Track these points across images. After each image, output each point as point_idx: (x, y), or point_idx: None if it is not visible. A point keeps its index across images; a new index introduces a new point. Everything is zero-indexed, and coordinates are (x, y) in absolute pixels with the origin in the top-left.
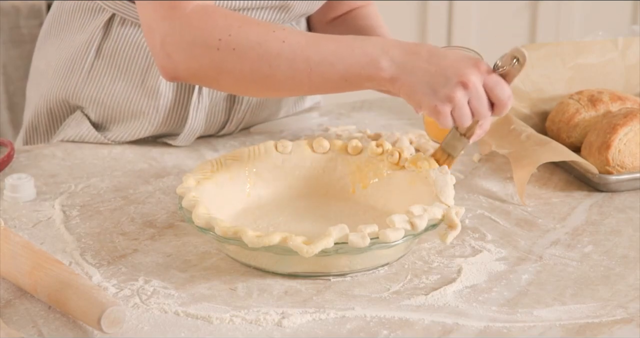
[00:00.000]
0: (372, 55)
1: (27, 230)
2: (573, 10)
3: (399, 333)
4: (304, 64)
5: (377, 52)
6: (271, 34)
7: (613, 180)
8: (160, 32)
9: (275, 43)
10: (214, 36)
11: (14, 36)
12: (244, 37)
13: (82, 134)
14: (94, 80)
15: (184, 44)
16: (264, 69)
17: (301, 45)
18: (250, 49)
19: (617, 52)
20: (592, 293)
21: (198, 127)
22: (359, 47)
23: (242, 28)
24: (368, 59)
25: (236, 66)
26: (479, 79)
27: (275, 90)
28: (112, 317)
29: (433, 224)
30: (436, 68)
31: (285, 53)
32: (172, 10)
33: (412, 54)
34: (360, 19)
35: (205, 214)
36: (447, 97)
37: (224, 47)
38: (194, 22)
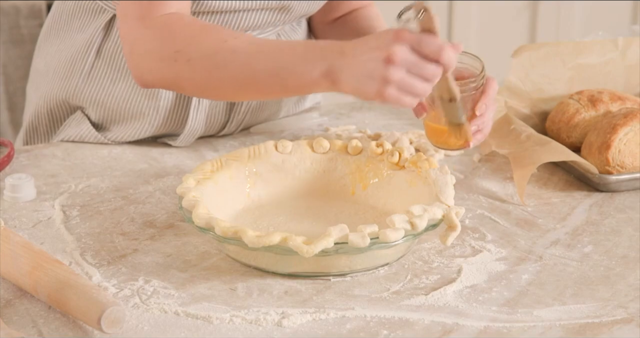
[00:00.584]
0: (312, 62)
1: (27, 230)
2: (573, 10)
3: (399, 333)
4: (251, 74)
5: (315, 59)
6: (222, 44)
7: (613, 180)
8: (129, 42)
9: (226, 54)
10: (171, 48)
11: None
12: (197, 49)
13: (82, 133)
14: (94, 81)
15: (148, 54)
16: (216, 78)
17: (249, 56)
18: (203, 60)
19: (617, 52)
20: (592, 293)
21: (198, 127)
22: (300, 56)
23: (196, 39)
24: (309, 67)
25: (192, 76)
26: (401, 47)
27: (231, 97)
28: (112, 317)
29: (433, 224)
30: (363, 56)
31: (234, 64)
32: (140, 21)
33: (341, 53)
34: (361, 19)
35: (205, 214)
36: (383, 79)
37: (180, 59)
38: (157, 34)
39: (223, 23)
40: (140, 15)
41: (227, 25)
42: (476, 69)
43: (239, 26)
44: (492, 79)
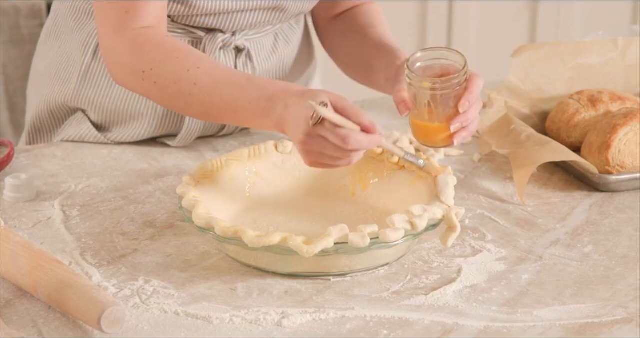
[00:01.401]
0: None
1: (27, 230)
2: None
3: (399, 333)
4: (212, 106)
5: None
6: (185, 74)
7: (613, 180)
8: (104, 46)
9: (188, 84)
10: (139, 67)
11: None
12: (162, 74)
13: (83, 133)
14: (91, 82)
15: (119, 66)
16: (180, 104)
17: (209, 90)
18: (167, 86)
19: (617, 52)
20: (592, 293)
21: (196, 128)
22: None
23: (162, 64)
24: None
25: (158, 96)
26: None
27: (197, 118)
28: (112, 317)
29: (433, 224)
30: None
31: (196, 95)
32: (115, 30)
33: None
34: (360, 16)
35: (205, 214)
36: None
37: (147, 79)
38: (126, 49)
39: (219, 24)
40: (115, 25)
41: (223, 26)
42: (459, 65)
43: (235, 27)
44: (477, 75)
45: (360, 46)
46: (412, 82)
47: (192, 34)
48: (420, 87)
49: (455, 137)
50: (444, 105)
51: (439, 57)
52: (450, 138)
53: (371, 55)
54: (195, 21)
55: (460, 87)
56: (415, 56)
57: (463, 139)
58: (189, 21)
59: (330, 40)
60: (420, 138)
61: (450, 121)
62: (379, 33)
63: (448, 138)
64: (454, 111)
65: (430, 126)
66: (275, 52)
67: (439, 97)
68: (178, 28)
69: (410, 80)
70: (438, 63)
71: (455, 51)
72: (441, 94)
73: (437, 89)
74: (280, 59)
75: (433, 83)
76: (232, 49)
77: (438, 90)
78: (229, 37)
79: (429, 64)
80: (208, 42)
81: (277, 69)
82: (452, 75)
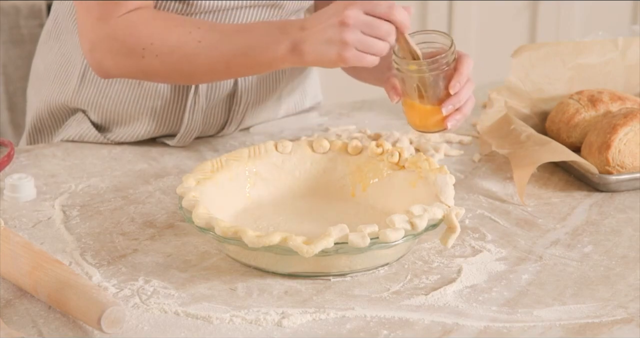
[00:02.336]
0: (277, 39)
1: (27, 230)
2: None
3: (399, 333)
4: (220, 58)
5: (279, 35)
6: (188, 36)
7: (613, 180)
8: (89, 39)
9: (193, 44)
10: (138, 46)
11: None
12: (164, 43)
13: (83, 133)
14: (91, 83)
15: (112, 53)
16: (186, 68)
17: (215, 42)
18: (171, 53)
19: (617, 52)
20: (592, 293)
21: (195, 128)
22: (264, 34)
23: (162, 35)
24: (274, 43)
25: (161, 69)
26: (353, 11)
27: (199, 80)
28: (112, 317)
29: (433, 224)
30: (320, 26)
31: (202, 52)
32: (102, 21)
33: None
34: None
35: (205, 214)
36: (340, 41)
37: (148, 55)
38: (120, 33)
39: (218, 21)
40: (102, 16)
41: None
42: (446, 46)
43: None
44: (466, 55)
45: None
46: (400, 67)
47: None
48: (407, 70)
49: (448, 119)
50: (433, 88)
51: (427, 41)
52: (443, 121)
53: None
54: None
55: (448, 67)
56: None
57: (457, 122)
58: None
59: None
60: (414, 124)
61: (442, 104)
62: None
63: (441, 121)
64: (445, 93)
65: (422, 110)
66: None
67: (427, 80)
68: None
69: (398, 65)
70: (426, 47)
71: (441, 33)
72: (429, 75)
73: (425, 70)
74: None
75: (419, 65)
76: None
77: (426, 72)
78: None
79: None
80: None
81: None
82: (438, 56)
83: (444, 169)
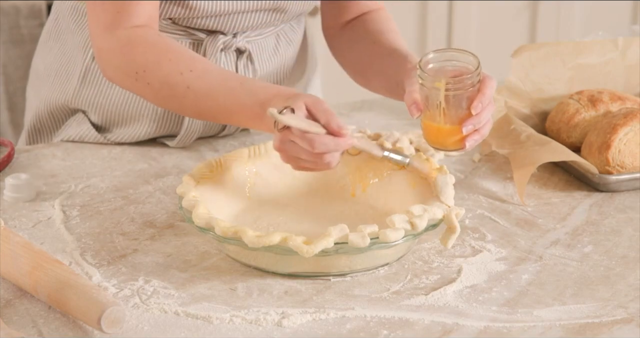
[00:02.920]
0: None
1: (27, 230)
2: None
3: (399, 333)
4: (206, 110)
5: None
6: (178, 77)
7: (613, 180)
8: (96, 47)
9: (181, 88)
10: (132, 68)
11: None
12: (155, 76)
13: (83, 133)
14: (91, 84)
15: (112, 66)
16: (175, 106)
17: (202, 95)
18: (161, 88)
19: (617, 52)
20: (592, 293)
21: (195, 129)
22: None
23: (155, 66)
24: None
25: (152, 98)
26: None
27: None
28: (112, 317)
29: (433, 224)
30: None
31: (189, 98)
32: (108, 30)
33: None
34: (370, 23)
35: (205, 214)
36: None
37: (140, 80)
38: (118, 50)
39: (220, 26)
40: (108, 24)
41: (224, 27)
42: (473, 66)
43: (235, 28)
44: (490, 77)
45: (370, 53)
46: (425, 83)
47: (192, 36)
48: (432, 88)
49: (467, 139)
50: (456, 107)
51: (452, 59)
52: (462, 141)
53: (381, 61)
54: (196, 23)
55: (473, 88)
56: (427, 57)
57: (475, 142)
58: (190, 23)
59: (340, 48)
60: (432, 140)
61: (462, 123)
62: (389, 39)
63: (460, 141)
64: (466, 113)
65: (442, 128)
66: (277, 53)
67: (451, 98)
68: (179, 30)
69: (423, 80)
70: (450, 65)
71: (468, 52)
72: (454, 94)
73: (450, 89)
74: (281, 61)
75: (446, 83)
76: (233, 50)
77: (451, 91)
78: (230, 39)
79: (441, 65)
80: (209, 44)
81: (279, 70)
82: (465, 76)
83: (444, 169)
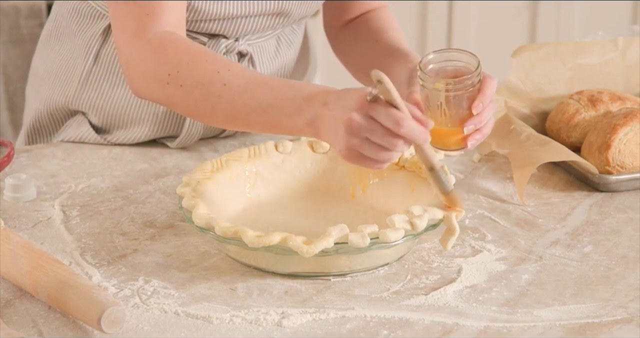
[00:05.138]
0: (299, 108)
1: (27, 230)
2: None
3: (399, 333)
4: (240, 109)
5: (302, 105)
6: (215, 75)
7: (613, 180)
8: (124, 56)
9: (217, 85)
10: (164, 71)
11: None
12: (190, 76)
13: (82, 135)
14: (92, 86)
15: (141, 72)
16: (207, 107)
17: (240, 90)
18: (195, 88)
19: (617, 52)
20: (592, 293)
21: (196, 131)
22: (289, 100)
23: (190, 66)
24: (295, 112)
25: (183, 101)
26: (360, 115)
27: (221, 124)
28: (112, 317)
29: (433, 224)
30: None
31: (225, 96)
32: (136, 37)
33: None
34: (372, 22)
35: (205, 214)
36: (344, 143)
37: (172, 82)
38: (149, 54)
39: (223, 30)
40: (136, 31)
41: (226, 31)
42: (473, 66)
43: (238, 32)
44: (491, 77)
45: (372, 51)
46: (425, 84)
47: (195, 39)
48: (433, 89)
49: (468, 139)
50: (457, 107)
51: (452, 59)
52: (463, 141)
53: (383, 60)
54: (199, 27)
55: (473, 88)
56: (427, 58)
57: (477, 142)
58: (193, 27)
59: (342, 46)
60: (433, 141)
61: (463, 123)
62: (391, 38)
63: (461, 141)
64: (467, 113)
65: (443, 129)
66: (278, 55)
67: (452, 99)
68: None
69: (423, 81)
70: (451, 65)
71: (468, 52)
72: (454, 95)
73: (451, 89)
74: (282, 62)
75: (446, 84)
76: (235, 54)
77: (451, 91)
78: (232, 43)
79: (441, 65)
80: (211, 48)
81: (279, 72)
82: (465, 76)
83: (444, 169)
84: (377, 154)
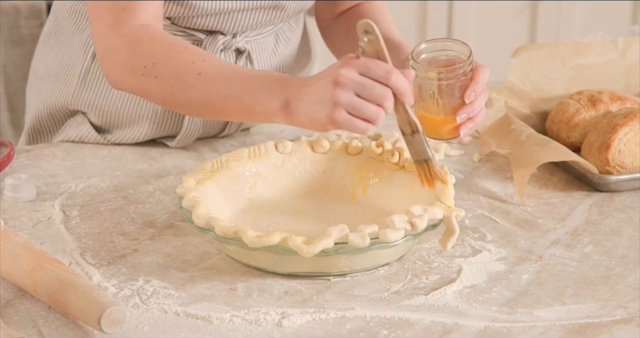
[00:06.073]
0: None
1: (27, 230)
2: (573, 10)
3: (399, 333)
4: (215, 96)
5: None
6: (190, 65)
7: (613, 180)
8: (100, 48)
9: (192, 75)
10: (140, 63)
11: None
12: (165, 67)
13: (82, 134)
14: (91, 85)
15: (117, 65)
16: (182, 97)
17: (214, 79)
18: (170, 79)
19: (617, 52)
20: (592, 293)
21: (195, 130)
22: (263, 85)
23: (165, 58)
24: (269, 96)
25: (159, 92)
26: (348, 70)
27: (196, 114)
28: (112, 317)
29: (433, 224)
30: (314, 86)
31: (199, 85)
32: (112, 29)
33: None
34: (364, 13)
35: (205, 214)
36: (331, 101)
37: (148, 74)
38: (125, 47)
39: (219, 26)
40: (112, 23)
41: (223, 27)
42: (465, 55)
43: (235, 28)
44: (483, 66)
45: None
46: (417, 73)
47: (192, 36)
48: (425, 78)
49: (461, 128)
50: (449, 96)
51: (444, 48)
52: (456, 129)
53: None
54: (195, 23)
55: (465, 77)
56: (419, 47)
57: (469, 130)
58: (189, 23)
59: (334, 39)
60: (427, 130)
61: (456, 112)
62: (383, 29)
63: (454, 129)
64: (460, 102)
65: (436, 118)
66: (276, 53)
67: (444, 88)
68: (178, 30)
69: (416, 70)
70: (443, 54)
71: (459, 41)
72: (447, 84)
73: (443, 78)
74: (280, 60)
75: (438, 72)
76: (232, 51)
77: (443, 80)
78: (229, 39)
79: (434, 55)
80: (208, 45)
81: (277, 70)
82: (457, 65)
83: (444, 169)
84: (366, 109)
